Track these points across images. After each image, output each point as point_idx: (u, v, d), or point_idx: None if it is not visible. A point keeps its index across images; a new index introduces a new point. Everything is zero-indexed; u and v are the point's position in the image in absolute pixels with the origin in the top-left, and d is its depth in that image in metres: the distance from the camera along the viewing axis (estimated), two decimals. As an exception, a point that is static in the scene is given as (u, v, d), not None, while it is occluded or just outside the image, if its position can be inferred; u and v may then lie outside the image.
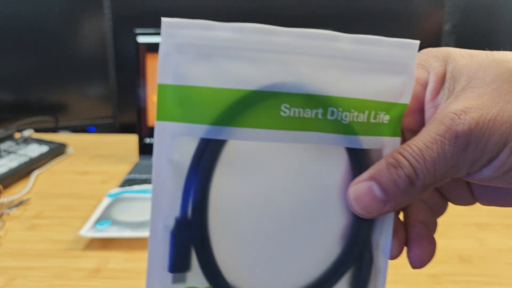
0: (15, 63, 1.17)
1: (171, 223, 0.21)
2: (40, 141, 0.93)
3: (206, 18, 0.21)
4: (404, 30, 1.19)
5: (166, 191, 0.21)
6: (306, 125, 0.21)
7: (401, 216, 0.26)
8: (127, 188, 0.70)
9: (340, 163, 0.22)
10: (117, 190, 0.69)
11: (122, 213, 0.61)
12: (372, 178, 0.21)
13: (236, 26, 0.20)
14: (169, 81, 0.20)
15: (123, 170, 0.85)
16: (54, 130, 1.20)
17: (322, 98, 0.21)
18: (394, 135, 0.23)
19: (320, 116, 0.21)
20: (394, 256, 0.24)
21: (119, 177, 0.81)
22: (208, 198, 0.21)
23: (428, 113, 0.23)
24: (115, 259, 0.54)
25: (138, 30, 0.85)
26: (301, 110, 0.21)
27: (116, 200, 0.65)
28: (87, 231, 0.56)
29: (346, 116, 0.21)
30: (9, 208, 0.67)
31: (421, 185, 0.20)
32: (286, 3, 1.20)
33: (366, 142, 0.22)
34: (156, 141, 0.21)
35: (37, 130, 1.10)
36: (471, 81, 0.20)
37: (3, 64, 1.16)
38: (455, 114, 0.20)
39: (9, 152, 0.85)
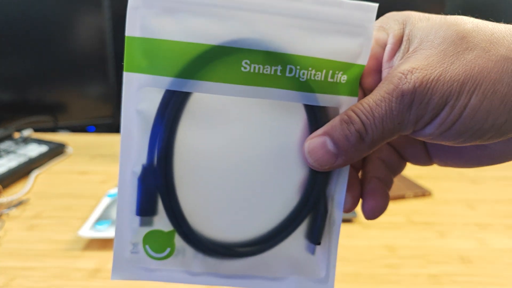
0: (14, 63, 1.17)
1: (138, 169, 0.23)
2: (40, 141, 0.93)
3: None
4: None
5: (133, 139, 0.22)
6: (266, 81, 0.22)
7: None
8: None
9: (298, 119, 0.23)
10: (116, 190, 0.68)
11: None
12: (326, 133, 0.22)
13: None
14: (136, 33, 0.22)
15: (122, 170, 0.85)
16: (53, 130, 1.20)
17: (281, 56, 0.22)
18: (351, 94, 0.24)
19: (279, 73, 0.22)
20: (348, 209, 0.26)
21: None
22: (174, 147, 0.22)
23: (384, 73, 0.24)
24: (114, 259, 0.54)
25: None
26: (261, 66, 0.22)
27: (116, 200, 0.65)
28: (87, 232, 0.56)
29: (303, 74, 0.22)
30: (9, 208, 0.67)
31: (370, 140, 0.22)
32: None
33: (323, 100, 0.23)
34: (124, 91, 0.22)
35: (36, 130, 1.10)
36: (422, 43, 0.22)
37: (2, 64, 1.16)
38: (403, 73, 0.21)
39: (8, 152, 0.85)
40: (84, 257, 0.54)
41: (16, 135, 0.95)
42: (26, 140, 0.92)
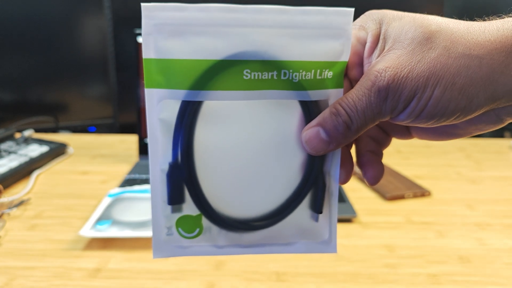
0: (15, 63, 1.17)
1: (166, 167, 0.27)
2: (41, 141, 0.93)
3: None
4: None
5: (159, 143, 0.27)
6: (265, 85, 0.26)
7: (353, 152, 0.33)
8: (127, 188, 0.70)
9: (295, 113, 0.28)
10: (117, 190, 0.69)
11: (122, 213, 0.61)
12: (318, 124, 0.27)
13: (202, 6, 0.25)
14: (151, 55, 0.25)
15: (123, 170, 0.85)
16: (54, 130, 1.20)
17: (276, 63, 0.26)
18: (337, 87, 0.28)
19: (275, 77, 0.26)
20: (343, 181, 0.31)
21: (119, 177, 0.81)
22: (193, 146, 0.27)
23: (365, 68, 0.28)
24: (115, 259, 0.54)
25: (138, 30, 0.85)
26: (260, 73, 0.26)
27: (116, 200, 0.65)
28: (87, 231, 0.56)
29: (296, 75, 0.26)
30: (10, 208, 0.67)
31: (355, 128, 0.26)
32: (284, 4, 1.20)
33: (314, 95, 0.27)
34: (147, 104, 0.26)
35: (37, 130, 1.11)
36: (394, 44, 0.26)
37: (4, 64, 1.16)
38: (378, 72, 0.25)
39: (9, 152, 0.85)
40: (85, 256, 0.54)
41: (17, 135, 0.95)
42: (27, 140, 0.92)
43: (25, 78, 1.18)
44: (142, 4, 0.25)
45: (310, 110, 0.28)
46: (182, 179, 0.27)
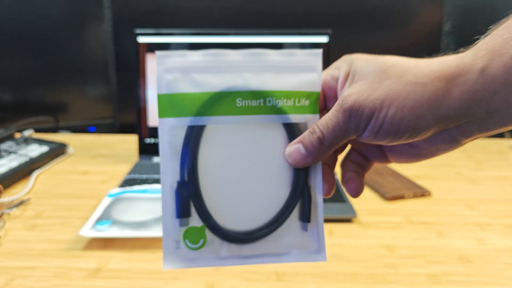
0: (15, 64, 1.17)
1: (174, 185, 0.32)
2: (41, 141, 0.93)
3: (204, 18, 0.23)
4: (404, 30, 1.19)
5: (169, 164, 0.32)
6: (254, 111, 0.33)
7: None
8: (127, 188, 0.70)
9: (281, 134, 0.34)
10: (117, 190, 0.69)
11: (122, 213, 0.61)
12: (299, 141, 0.33)
13: (201, 52, 0.32)
14: (163, 91, 0.32)
15: (123, 170, 0.85)
16: (54, 130, 1.20)
17: (262, 92, 0.33)
18: (313, 112, 0.34)
19: (262, 104, 0.33)
20: (326, 193, 0.35)
21: (119, 177, 0.81)
22: (198, 165, 0.32)
23: (338, 99, 0.33)
24: (115, 259, 0.54)
25: (138, 31, 0.85)
26: (249, 101, 0.33)
27: (116, 200, 0.65)
28: (87, 231, 0.56)
29: (278, 102, 0.33)
30: (10, 208, 0.67)
31: (327, 144, 0.32)
32: (284, 4, 1.20)
33: (295, 118, 0.34)
34: (159, 131, 0.32)
35: (37, 130, 1.11)
36: (360, 76, 0.32)
37: (4, 65, 1.16)
38: (344, 97, 0.31)
39: (9, 152, 0.85)
40: (85, 257, 0.54)
41: (17, 135, 0.95)
42: (27, 140, 0.92)
43: (25, 78, 1.18)
44: (156, 52, 0.32)
45: (292, 130, 0.34)
46: (188, 195, 0.32)
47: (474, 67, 0.29)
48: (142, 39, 0.85)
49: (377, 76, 0.31)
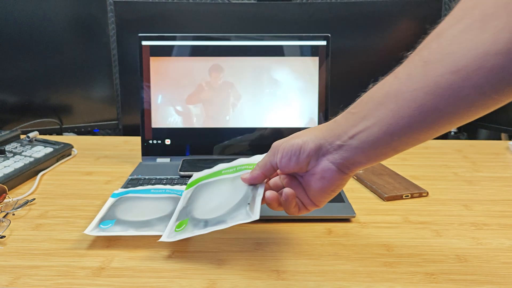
0: (20, 66, 1.19)
1: (181, 207, 0.61)
2: (45, 142, 0.94)
3: (206, 22, 0.23)
4: (403, 32, 1.20)
5: (181, 202, 0.63)
6: (225, 173, 0.62)
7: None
8: (131, 188, 0.71)
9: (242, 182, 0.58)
10: (120, 190, 0.70)
11: (126, 213, 0.62)
12: (250, 173, 0.56)
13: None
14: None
15: (127, 170, 0.86)
16: (58, 132, 1.21)
17: (235, 167, 0.62)
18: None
19: (230, 171, 0.62)
20: (268, 200, 0.54)
21: (123, 178, 0.83)
22: (194, 202, 0.60)
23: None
24: (118, 257, 0.55)
25: (141, 34, 0.87)
26: (229, 170, 0.63)
27: (120, 199, 0.66)
28: (92, 231, 0.58)
29: (240, 169, 0.61)
30: (15, 208, 0.68)
31: (260, 173, 0.54)
32: (284, 9, 1.21)
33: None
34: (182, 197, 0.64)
35: (42, 132, 1.12)
36: (282, 143, 0.52)
37: (9, 67, 1.17)
38: (272, 145, 0.54)
39: (14, 153, 0.87)
40: (89, 255, 0.55)
41: (22, 137, 0.96)
42: (32, 142, 0.93)
43: (30, 81, 1.20)
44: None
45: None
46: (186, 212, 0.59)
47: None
48: (145, 43, 0.86)
49: (280, 141, 0.53)
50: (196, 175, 0.67)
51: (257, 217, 0.50)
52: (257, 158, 0.58)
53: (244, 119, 0.89)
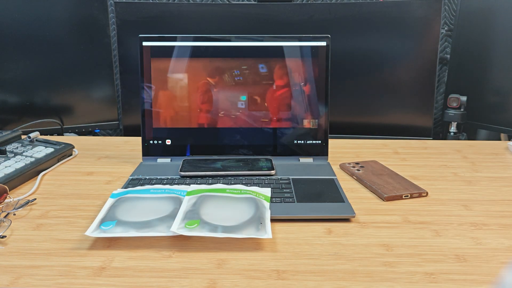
0: (21, 67, 1.19)
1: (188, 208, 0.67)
2: (46, 143, 0.94)
3: (206, 23, 0.24)
4: (402, 34, 1.20)
5: (185, 204, 0.68)
6: (229, 192, 0.71)
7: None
8: (130, 188, 0.71)
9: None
10: (120, 190, 0.70)
11: (127, 213, 0.62)
12: None
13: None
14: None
15: (127, 170, 0.87)
16: (59, 132, 1.22)
17: (239, 190, 0.71)
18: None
19: (235, 192, 0.71)
20: None
21: (123, 178, 0.83)
22: (202, 208, 0.65)
23: None
24: (119, 257, 0.55)
25: (142, 35, 0.87)
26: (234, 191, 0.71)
27: (121, 200, 0.66)
28: (93, 232, 0.58)
29: (244, 192, 0.70)
30: (16, 208, 0.68)
31: None
32: (284, 10, 1.21)
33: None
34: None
35: (43, 133, 1.12)
36: None
37: (10, 67, 1.18)
38: None
39: (15, 154, 0.87)
40: (90, 255, 0.56)
41: (23, 137, 0.96)
42: (33, 142, 0.93)
43: (31, 82, 1.20)
44: None
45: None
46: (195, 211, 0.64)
47: None
48: (146, 44, 0.87)
49: None
50: (196, 186, 0.73)
51: (271, 236, 0.58)
52: (256, 188, 0.72)
53: (245, 119, 0.89)
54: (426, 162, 0.93)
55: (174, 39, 0.87)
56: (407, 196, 0.74)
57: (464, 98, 1.47)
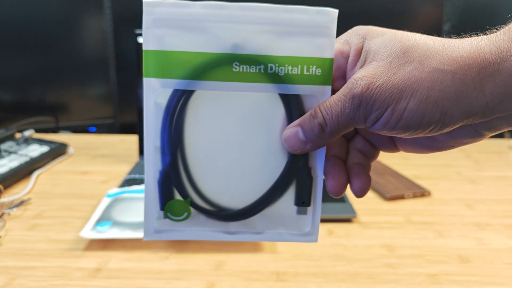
0: (16, 64, 1.17)
1: (158, 144, 0.30)
2: (41, 141, 0.93)
3: None
4: (404, 30, 1.19)
5: (152, 124, 0.29)
6: (252, 78, 0.29)
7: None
8: (126, 188, 0.70)
9: (280, 107, 0.30)
10: (116, 190, 0.69)
11: (122, 214, 0.61)
12: (298, 125, 0.29)
13: (197, 3, 0.28)
14: (150, 47, 0.28)
15: (123, 170, 0.85)
16: (54, 130, 1.20)
17: (263, 57, 0.28)
18: (325, 84, 0.29)
19: (262, 71, 0.29)
20: (338, 192, 0.31)
21: (119, 177, 0.82)
22: (184, 132, 0.30)
23: (347, 80, 0.29)
24: (115, 259, 0.54)
25: (138, 31, 0.86)
26: (248, 66, 0.28)
27: (116, 200, 0.65)
28: (88, 233, 0.57)
29: (282, 70, 0.29)
30: (10, 208, 0.67)
31: (329, 131, 0.27)
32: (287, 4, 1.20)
33: (301, 89, 0.29)
34: (144, 92, 0.29)
35: (37, 131, 1.11)
36: (375, 56, 0.27)
37: (4, 65, 1.16)
38: (355, 80, 0.26)
39: (9, 152, 0.85)
40: (85, 256, 0.54)
41: (18, 135, 0.95)
42: (28, 141, 0.92)
43: (25, 78, 1.19)
44: (144, 0, 0.28)
45: (294, 104, 0.30)
46: (166, 164, 0.30)
47: None
48: (142, 39, 0.85)
49: (396, 58, 0.26)
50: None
51: (316, 240, 0.33)
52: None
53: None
54: (429, 161, 0.92)
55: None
56: (410, 195, 0.73)
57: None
